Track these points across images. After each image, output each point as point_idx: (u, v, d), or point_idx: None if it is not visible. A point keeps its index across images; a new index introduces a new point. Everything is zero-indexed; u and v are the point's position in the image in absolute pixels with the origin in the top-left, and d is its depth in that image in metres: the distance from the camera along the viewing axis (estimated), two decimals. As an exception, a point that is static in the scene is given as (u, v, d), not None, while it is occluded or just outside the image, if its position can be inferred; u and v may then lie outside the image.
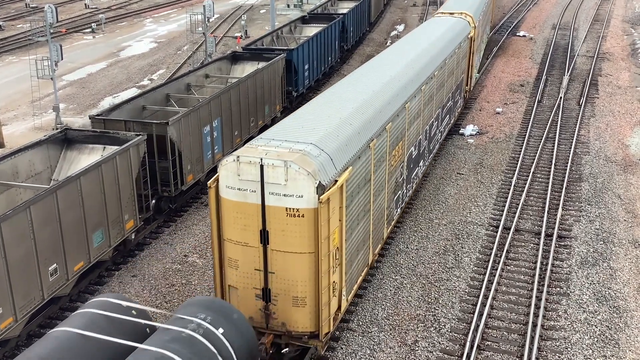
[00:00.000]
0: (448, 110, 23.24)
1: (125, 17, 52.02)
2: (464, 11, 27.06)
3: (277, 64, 25.17)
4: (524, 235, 18.19)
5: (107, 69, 36.70)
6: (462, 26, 25.26)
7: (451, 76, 22.81)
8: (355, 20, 39.75)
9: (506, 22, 47.43)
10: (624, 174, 22.11)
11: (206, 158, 20.05)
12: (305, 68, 29.09)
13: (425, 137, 19.73)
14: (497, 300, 15.25)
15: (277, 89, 25.45)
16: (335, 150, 12.37)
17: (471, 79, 28.43)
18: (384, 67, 18.12)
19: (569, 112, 28.23)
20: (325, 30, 31.93)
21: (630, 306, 15.04)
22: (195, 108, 19.18)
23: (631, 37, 42.86)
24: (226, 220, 11.97)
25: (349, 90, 15.77)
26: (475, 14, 28.02)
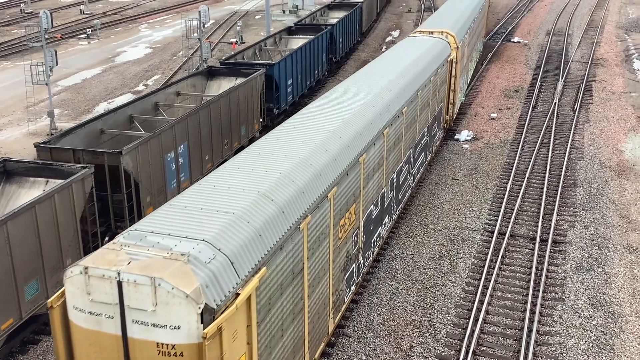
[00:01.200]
0: (423, 148, 20.25)
1: (120, 23, 52.03)
2: (445, 30, 24.20)
3: (256, 81, 23.40)
4: (519, 240, 18.21)
5: (102, 74, 36.67)
6: (440, 48, 22.31)
7: (426, 108, 19.91)
8: (345, 31, 38.10)
9: (500, 28, 47.64)
10: (618, 180, 22.18)
11: (170, 187, 17.93)
12: (288, 83, 27.27)
13: (392, 187, 16.53)
14: (492, 305, 15.26)
15: (255, 107, 23.58)
16: (241, 248, 8.92)
17: (454, 105, 25.43)
18: (339, 104, 14.79)
19: (564, 118, 28.33)
20: (311, 42, 30.29)
21: (625, 311, 15.07)
22: (155, 134, 17.05)
23: (625, 43, 43.10)
24: (77, 355, 8.59)
25: (291, 138, 12.49)
26: (459, 33, 25.28)
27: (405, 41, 23.00)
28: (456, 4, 31.77)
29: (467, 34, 27.11)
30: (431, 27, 25.02)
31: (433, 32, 23.93)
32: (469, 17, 29.13)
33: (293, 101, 28.41)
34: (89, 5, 57.95)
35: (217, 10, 56.01)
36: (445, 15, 28.36)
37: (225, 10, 57.19)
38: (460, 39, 24.49)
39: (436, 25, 25.43)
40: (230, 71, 24.69)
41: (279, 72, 26.01)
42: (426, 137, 20.63)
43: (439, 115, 22.68)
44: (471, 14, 30.31)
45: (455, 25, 25.49)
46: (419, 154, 19.86)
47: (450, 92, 24.20)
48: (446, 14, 28.66)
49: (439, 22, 26.29)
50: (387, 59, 20.09)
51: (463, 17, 27.91)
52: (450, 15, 28.19)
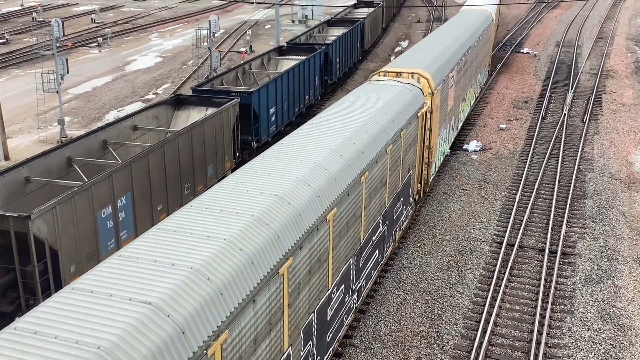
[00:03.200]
0: (377, 244, 14.85)
1: (131, 32, 52.40)
2: (418, 70, 18.88)
3: (227, 112, 20.29)
4: (527, 252, 18.11)
5: (112, 82, 36.91)
6: (409, 98, 17.12)
7: (379, 192, 14.38)
8: (344, 50, 34.96)
9: (510, 39, 47.62)
10: (628, 192, 22.05)
11: (105, 250, 14.46)
12: (271, 112, 24.16)
13: (323, 314, 11.61)
14: (500, 317, 15.16)
15: (227, 142, 20.45)
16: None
17: (429, 166, 19.78)
18: (267, 180, 10.83)
19: (573, 129, 28.23)
20: (300, 65, 27.31)
21: (635, 324, 14.93)
22: (83, 187, 13.67)
23: (635, 55, 42.96)
24: None
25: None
26: (438, 73, 19.97)
27: (362, 89, 17.71)
28: (449, 30, 27.15)
29: (454, 70, 22.22)
30: (402, 65, 19.94)
31: (401, 74, 18.92)
32: (459, 48, 24.26)
33: (277, 131, 25.01)
34: (100, 14, 58.44)
35: (227, 20, 56.33)
36: (426, 47, 23.24)
37: (235, 20, 57.50)
38: (439, 80, 19.61)
39: (410, 62, 20.33)
40: (201, 100, 21.32)
41: (258, 100, 22.83)
42: (382, 229, 15.14)
43: (406, 187, 17.28)
44: (465, 42, 25.58)
45: (434, 63, 20.45)
46: (373, 250, 14.52)
47: (423, 151, 18.99)
48: (429, 45, 23.61)
49: (414, 57, 21.13)
50: (336, 116, 14.83)
51: (450, 50, 23.07)
52: (432, 47, 23.02)
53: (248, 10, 64.40)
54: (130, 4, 69.42)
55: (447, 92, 21.52)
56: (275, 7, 41.34)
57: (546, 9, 62.04)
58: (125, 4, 68.76)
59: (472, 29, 28.05)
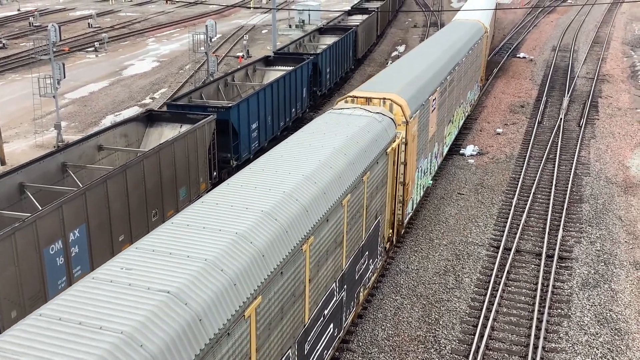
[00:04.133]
0: (332, 317, 12.28)
1: (128, 37, 52.41)
2: (391, 96, 16.39)
3: (202, 129, 18.68)
4: (524, 256, 18.12)
5: (109, 87, 36.89)
6: (377, 131, 14.52)
7: (333, 253, 11.78)
8: (335, 59, 33.45)
9: (506, 44, 47.76)
10: (624, 196, 22.09)
11: (54, 290, 12.83)
12: (253, 127, 22.63)
13: None
14: (497, 321, 15.15)
15: (201, 162, 18.77)
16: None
17: (404, 205, 17.17)
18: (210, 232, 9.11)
19: (569, 134, 28.29)
20: (286, 76, 25.87)
21: (631, 328, 14.94)
22: (25, 223, 11.93)
23: (631, 60, 43.11)
24: None
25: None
26: (416, 96, 17.63)
27: (321, 121, 14.78)
28: (433, 46, 24.42)
29: (436, 92, 19.72)
30: (374, 88, 17.41)
31: (372, 100, 16.40)
32: (445, 65, 21.76)
33: (260, 148, 23.46)
34: (97, 18, 58.45)
35: (224, 25, 56.39)
36: (406, 66, 20.67)
37: (232, 25, 57.57)
38: (416, 106, 17.27)
39: (384, 84, 17.75)
40: (175, 116, 19.78)
41: (237, 116, 21.29)
42: (336, 296, 12.39)
43: (371, 241, 14.50)
44: (452, 59, 23.05)
45: (412, 86, 17.85)
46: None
47: (396, 190, 16.40)
48: (409, 64, 21.05)
49: (389, 79, 18.52)
50: (268, 167, 11.61)
51: (433, 68, 20.60)
52: (412, 66, 20.36)
53: (245, 15, 64.48)
54: (127, 8, 69.46)
55: (428, 117, 19.02)
56: (272, 12, 41.40)
57: (542, 13, 62.25)
58: (122, 9, 68.80)
59: (460, 43, 25.61)
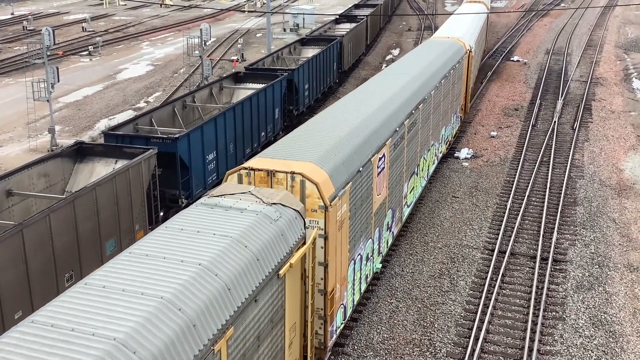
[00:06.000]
0: None
1: (122, 40, 52.34)
2: (304, 167, 11.85)
3: (138, 167, 15.53)
4: (519, 258, 18.15)
5: (103, 91, 36.82)
6: (266, 240, 9.84)
7: None
8: (315, 74, 30.21)
9: (500, 47, 47.92)
10: (618, 198, 22.17)
11: None
12: (209, 159, 19.65)
13: None
14: (493, 324, 15.17)
15: (139, 205, 15.61)
16: None
17: (327, 324, 12.45)
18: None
19: (563, 136, 28.38)
20: (254, 96, 22.83)
21: (626, 331, 14.98)
22: None
23: (624, 63, 43.31)
24: None
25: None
26: (344, 165, 13.00)
27: (187, 216, 10.17)
28: (391, 78, 19.77)
29: (385, 147, 15.34)
30: (287, 151, 12.80)
31: (276, 174, 11.83)
32: (403, 105, 17.37)
33: (219, 181, 20.13)
34: (91, 22, 58.36)
35: (218, 28, 56.39)
36: (343, 113, 15.80)
37: (227, 28, 57.57)
38: (347, 176, 12.86)
39: (303, 145, 13.19)
40: (110, 150, 16.63)
41: (188, 147, 18.29)
42: None
43: None
44: (416, 94, 18.65)
45: (341, 147, 13.44)
46: None
47: (313, 302, 11.49)
48: (347, 109, 16.12)
49: (313, 137, 13.78)
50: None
51: (382, 114, 16.07)
52: (351, 113, 15.78)
53: (239, 18, 64.51)
54: (122, 12, 69.38)
55: (371, 184, 14.40)
56: (267, 16, 41.44)
57: (536, 17, 62.50)
58: (116, 13, 68.72)
59: (430, 71, 21.05)
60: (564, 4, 72.63)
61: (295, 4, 71.78)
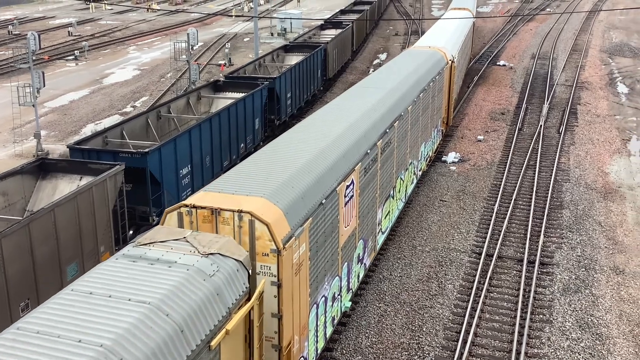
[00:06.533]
0: None
1: (108, 45, 52.10)
2: (253, 203, 10.37)
3: (104, 185, 14.66)
4: (506, 262, 18.23)
5: (89, 96, 36.62)
6: (198, 300, 8.24)
7: None
8: (298, 82, 29.46)
9: (486, 52, 48.21)
10: (604, 201, 22.34)
11: None
12: (183, 173, 18.74)
13: None
14: (480, 327, 15.21)
15: (102, 227, 14.67)
16: None
17: None
18: None
19: (549, 140, 28.58)
20: (232, 107, 21.98)
21: (612, 333, 15.08)
22: None
23: (609, 67, 43.73)
24: None
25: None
26: (303, 198, 11.56)
27: (104, 271, 8.55)
28: (362, 93, 18.34)
29: (354, 173, 13.92)
30: (235, 185, 11.19)
31: (221, 213, 10.25)
32: (375, 125, 15.95)
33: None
34: (77, 27, 58.06)
35: (205, 33, 56.29)
36: (302, 137, 14.10)
37: (214, 33, 57.48)
38: (305, 212, 11.35)
39: (252, 179, 11.50)
40: (74, 165, 15.70)
41: (159, 162, 17.37)
42: None
43: None
44: (390, 111, 17.38)
45: (300, 178, 11.92)
46: None
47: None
48: (307, 133, 14.42)
49: (266, 168, 12.06)
50: None
51: (351, 136, 14.59)
52: (313, 137, 14.10)
53: (227, 23, 64.44)
54: (108, 17, 69.10)
55: (336, 216, 12.93)
56: (254, 20, 41.44)
57: (522, 22, 62.98)
58: (102, 17, 68.42)
59: (407, 85, 19.89)
60: (550, 9, 73.27)
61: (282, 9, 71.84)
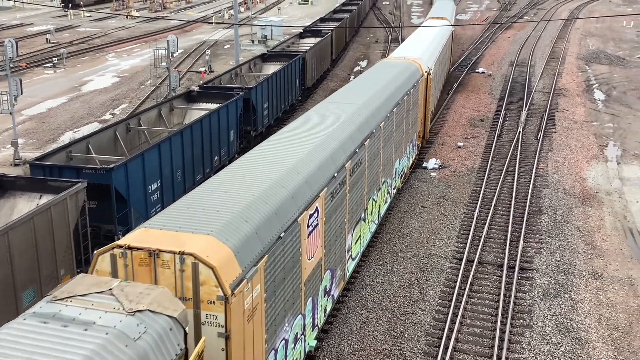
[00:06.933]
0: None
1: (87, 52, 51.69)
2: (198, 244, 9.22)
3: (63, 204, 13.71)
4: (487, 267, 18.36)
5: (67, 103, 36.27)
6: None
7: None
8: (275, 92, 28.73)
9: (465, 59, 48.65)
10: (582, 207, 22.61)
11: None
12: (152, 189, 17.83)
13: None
14: (462, 333, 15.28)
15: (62, 248, 13.78)
16: None
17: None
18: None
19: (528, 146, 28.88)
20: (205, 119, 21.10)
21: (592, 337, 15.23)
22: None
23: (586, 74, 44.36)
24: None
25: None
26: (259, 233, 10.38)
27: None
28: (329, 111, 17.11)
29: (319, 199, 12.75)
30: (179, 221, 10.00)
31: (160, 255, 9.17)
32: (342, 146, 14.83)
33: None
34: (55, 34, 57.53)
35: (186, 40, 56.11)
36: (259, 164, 12.81)
37: (194, 40, 57.31)
38: (260, 248, 10.26)
39: (200, 211, 10.39)
40: (33, 183, 14.78)
41: (125, 178, 16.44)
42: None
43: None
44: (360, 129, 16.30)
45: (257, 208, 10.77)
46: None
47: None
48: (263, 160, 13.03)
49: (217, 197, 11.03)
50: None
51: (314, 159, 13.52)
52: (269, 164, 12.78)
53: (207, 30, 64.30)
54: (87, 24, 68.59)
55: (297, 250, 11.77)
56: (235, 28, 41.40)
57: (500, 29, 63.68)
58: (81, 24, 67.90)
59: (379, 99, 18.95)
60: (527, 16, 74.20)
61: (263, 16, 71.88)
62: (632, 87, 40.77)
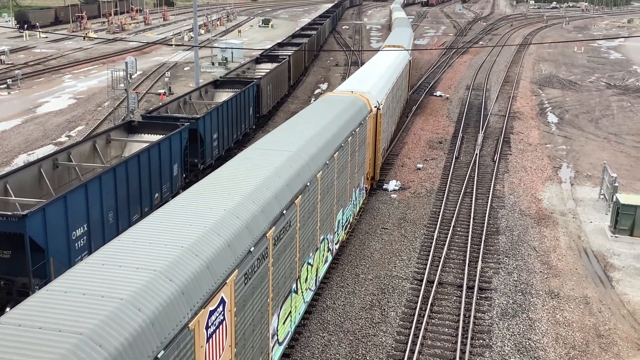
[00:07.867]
0: None
1: (43, 73, 50.79)
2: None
3: None
4: (447, 288, 18.51)
5: (22, 125, 35.46)
6: None
7: None
8: (226, 121, 27.24)
9: (423, 83, 49.52)
10: (537, 227, 23.07)
11: None
12: (77, 234, 15.66)
13: None
14: (423, 354, 15.32)
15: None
16: None
17: None
18: None
19: (485, 168, 29.44)
20: (144, 153, 19.24)
21: (549, 356, 15.46)
22: None
23: (539, 98, 45.63)
24: None
25: None
26: (140, 341, 7.50)
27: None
28: (255, 162, 14.08)
29: (233, 276, 10.06)
30: (52, 312, 7.44)
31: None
32: (267, 208, 12.06)
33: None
34: (10, 55, 56.40)
35: (145, 61, 55.67)
36: (158, 233, 9.87)
37: (154, 62, 56.92)
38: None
39: (72, 301, 7.70)
40: None
41: (42, 227, 14.34)
42: None
43: None
44: (291, 183, 13.61)
45: (153, 293, 8.20)
46: None
47: None
48: (166, 226, 10.15)
49: (103, 274, 8.38)
50: None
51: (230, 228, 10.56)
52: (174, 230, 9.94)
53: (167, 52, 63.96)
54: (43, 45, 67.48)
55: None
56: (195, 50, 41.29)
57: (456, 54, 65.12)
58: (37, 45, 66.76)
59: (317, 144, 16.30)
60: (482, 42, 76.10)
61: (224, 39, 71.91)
62: (584, 111, 42.10)
